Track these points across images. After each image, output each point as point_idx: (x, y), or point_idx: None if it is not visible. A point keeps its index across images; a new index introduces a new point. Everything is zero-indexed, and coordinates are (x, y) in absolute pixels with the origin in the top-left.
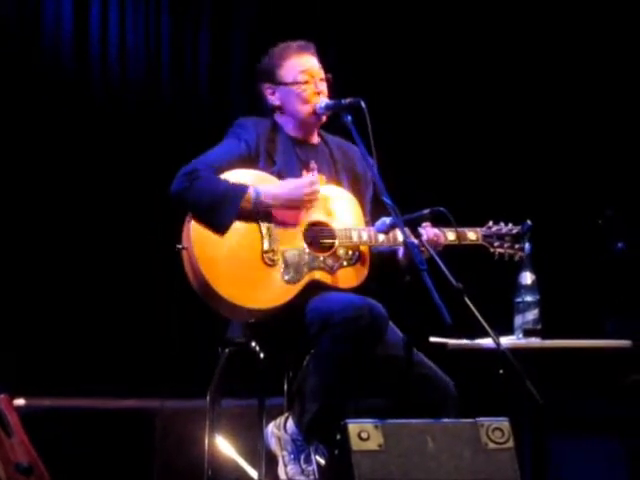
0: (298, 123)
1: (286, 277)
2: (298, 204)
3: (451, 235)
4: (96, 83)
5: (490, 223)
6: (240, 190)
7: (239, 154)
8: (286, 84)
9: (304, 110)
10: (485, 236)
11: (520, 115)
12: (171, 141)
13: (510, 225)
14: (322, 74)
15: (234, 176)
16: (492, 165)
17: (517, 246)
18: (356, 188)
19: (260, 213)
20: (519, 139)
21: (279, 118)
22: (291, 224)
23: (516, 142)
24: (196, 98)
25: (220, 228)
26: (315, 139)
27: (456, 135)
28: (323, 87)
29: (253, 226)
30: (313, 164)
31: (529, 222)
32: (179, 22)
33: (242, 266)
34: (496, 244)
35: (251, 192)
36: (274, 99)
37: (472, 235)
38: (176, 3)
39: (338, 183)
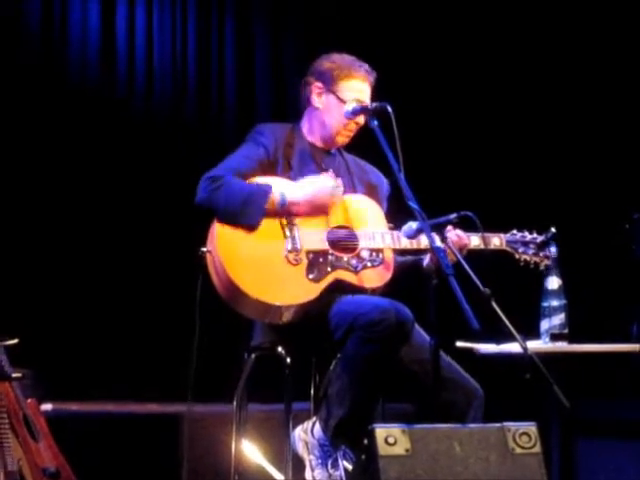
0: (324, 132)
1: (310, 275)
2: (323, 205)
3: (475, 240)
4: (122, 93)
5: (514, 231)
6: (265, 191)
7: (258, 159)
8: (337, 97)
9: (335, 127)
10: (509, 242)
11: (547, 119)
12: (197, 149)
13: (534, 233)
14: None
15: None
16: (519, 169)
17: (542, 254)
18: (372, 198)
19: (284, 215)
20: (547, 143)
21: (307, 117)
22: (314, 226)
23: (544, 146)
24: (222, 104)
25: (248, 229)
26: (332, 149)
27: (481, 140)
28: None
29: (276, 228)
30: (331, 172)
31: (553, 229)
32: (204, 29)
33: (266, 265)
34: (521, 250)
35: (276, 195)
36: (318, 100)
37: (496, 240)
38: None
39: (354, 192)
